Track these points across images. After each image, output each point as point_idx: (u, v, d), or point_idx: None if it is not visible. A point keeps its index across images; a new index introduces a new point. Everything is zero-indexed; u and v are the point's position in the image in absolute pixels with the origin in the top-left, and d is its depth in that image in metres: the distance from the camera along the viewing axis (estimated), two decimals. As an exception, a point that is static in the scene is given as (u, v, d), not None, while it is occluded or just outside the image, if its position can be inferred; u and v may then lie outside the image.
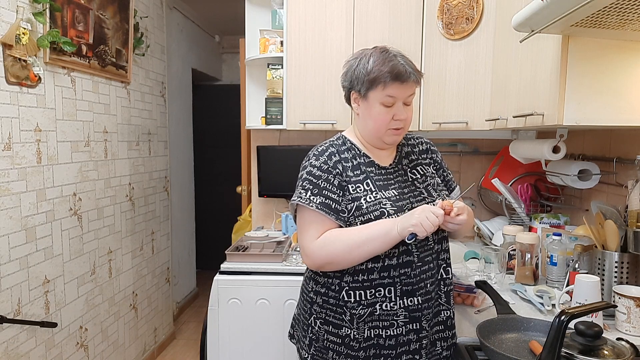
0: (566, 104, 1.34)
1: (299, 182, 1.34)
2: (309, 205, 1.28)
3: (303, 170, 1.35)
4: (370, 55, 1.30)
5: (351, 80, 1.34)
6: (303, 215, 1.32)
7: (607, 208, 1.54)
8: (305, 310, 1.39)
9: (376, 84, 1.28)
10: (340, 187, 1.30)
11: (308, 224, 1.30)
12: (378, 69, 1.27)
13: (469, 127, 2.15)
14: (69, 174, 2.23)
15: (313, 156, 1.34)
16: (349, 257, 1.25)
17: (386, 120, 1.30)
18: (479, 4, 2.06)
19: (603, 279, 1.45)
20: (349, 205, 1.29)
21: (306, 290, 1.40)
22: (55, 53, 2.06)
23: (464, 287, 1.65)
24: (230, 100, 4.73)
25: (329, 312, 1.33)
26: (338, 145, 1.37)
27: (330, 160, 1.32)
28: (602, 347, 1.05)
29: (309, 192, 1.29)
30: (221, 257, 2.22)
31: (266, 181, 2.68)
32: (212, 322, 2.12)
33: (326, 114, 2.36)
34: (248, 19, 2.60)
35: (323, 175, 1.30)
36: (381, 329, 1.29)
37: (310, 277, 1.39)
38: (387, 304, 1.28)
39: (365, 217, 1.27)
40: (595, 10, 1.04)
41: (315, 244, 1.28)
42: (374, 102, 1.30)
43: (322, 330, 1.34)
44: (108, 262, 2.61)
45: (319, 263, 1.28)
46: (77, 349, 2.32)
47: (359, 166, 1.34)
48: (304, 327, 1.39)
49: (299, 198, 1.30)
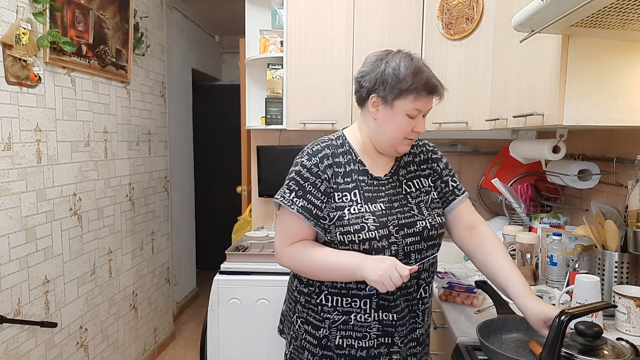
0: (566, 104, 1.34)
1: (287, 179, 1.31)
2: (290, 207, 1.26)
3: (294, 167, 1.31)
4: (400, 60, 1.23)
5: (375, 83, 1.24)
6: (283, 214, 1.30)
7: (607, 208, 1.54)
8: (290, 308, 1.41)
9: (407, 94, 1.21)
10: (325, 194, 1.27)
11: (286, 225, 1.30)
12: (412, 79, 1.20)
13: (469, 127, 2.15)
14: (69, 174, 2.23)
15: (306, 155, 1.30)
16: (313, 276, 1.29)
17: (407, 131, 1.26)
18: (479, 4, 2.06)
19: (603, 279, 1.45)
20: (331, 213, 1.26)
21: (291, 289, 1.40)
22: (55, 53, 2.06)
23: (464, 287, 1.64)
24: (230, 100, 4.73)
25: (311, 312, 1.33)
26: (335, 146, 1.32)
27: (321, 164, 1.28)
28: (602, 347, 1.05)
29: (293, 192, 1.27)
30: (221, 257, 2.22)
31: (266, 181, 2.68)
32: (212, 322, 2.12)
33: (326, 114, 2.36)
34: (248, 19, 2.60)
35: (310, 179, 1.27)
36: (354, 339, 1.29)
37: (294, 275, 1.40)
38: (361, 316, 1.28)
39: (345, 229, 1.24)
40: (595, 10, 1.04)
41: (285, 252, 1.29)
42: (400, 112, 1.23)
43: (301, 330, 1.35)
44: (108, 262, 2.61)
45: (286, 265, 1.32)
46: (77, 349, 2.32)
47: (350, 173, 1.29)
48: (288, 324, 1.41)
49: (282, 198, 1.28)
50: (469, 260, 2.13)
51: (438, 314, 1.62)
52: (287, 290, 1.45)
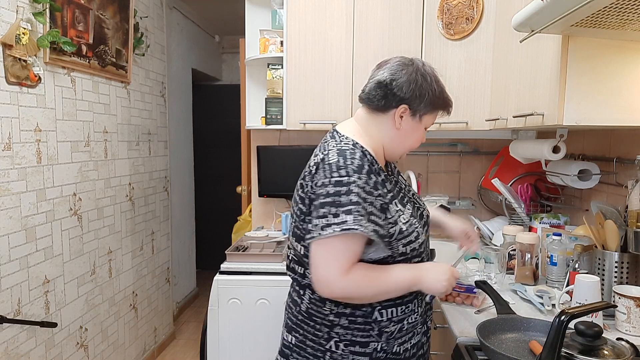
0: (566, 104, 1.34)
1: (345, 204, 1.12)
2: (366, 232, 1.12)
3: (342, 187, 1.13)
4: (432, 74, 1.25)
5: (412, 96, 1.22)
6: (344, 242, 1.13)
7: (607, 208, 1.54)
8: (318, 335, 1.25)
9: (437, 110, 1.27)
10: (382, 210, 1.18)
11: (347, 253, 1.14)
12: (445, 97, 1.27)
13: (469, 127, 2.15)
14: (69, 174, 2.23)
15: (354, 173, 1.14)
16: (371, 300, 1.21)
17: (421, 142, 1.31)
18: (479, 4, 2.06)
19: (603, 279, 1.45)
20: (390, 229, 1.19)
21: (319, 314, 1.25)
22: (55, 53, 2.06)
23: (464, 287, 1.64)
24: (230, 100, 4.74)
25: (356, 332, 1.23)
26: (363, 156, 1.20)
27: (370, 180, 1.17)
28: (602, 347, 1.05)
29: (364, 218, 1.12)
30: (221, 257, 2.22)
31: (266, 181, 2.68)
32: (212, 322, 2.12)
33: (326, 114, 2.36)
34: (248, 19, 2.60)
35: (368, 198, 1.14)
36: (407, 342, 1.28)
37: (323, 299, 1.23)
38: (412, 317, 1.27)
39: (407, 240, 1.22)
40: (595, 10, 1.04)
41: (346, 282, 1.14)
42: (423, 126, 1.28)
43: (346, 352, 1.23)
44: (108, 262, 2.61)
45: (340, 297, 1.18)
46: (77, 349, 2.32)
47: (384, 183, 1.22)
48: (317, 353, 1.26)
49: (360, 227, 1.11)
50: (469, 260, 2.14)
51: (438, 314, 1.62)
52: (306, 319, 1.27)
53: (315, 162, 1.21)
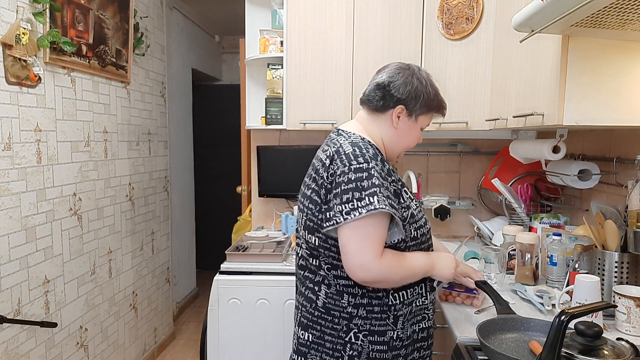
0: (566, 104, 1.34)
1: (367, 187, 1.18)
2: (383, 209, 1.16)
3: (362, 173, 1.19)
4: (427, 78, 1.35)
5: (408, 97, 1.31)
6: (372, 224, 1.18)
7: (607, 208, 1.54)
8: (337, 329, 1.29)
9: (431, 111, 1.36)
10: (395, 195, 1.25)
11: (375, 233, 1.18)
12: (439, 99, 1.36)
13: (469, 127, 2.15)
14: (69, 174, 2.23)
15: (371, 160, 1.22)
16: (399, 283, 1.27)
17: (417, 141, 1.41)
18: (479, 4, 2.06)
19: (603, 279, 1.45)
20: (404, 212, 1.27)
21: (337, 307, 1.29)
22: (55, 53, 2.06)
23: (464, 287, 1.64)
24: (230, 100, 4.74)
25: (374, 320, 1.28)
26: (376, 150, 1.29)
27: (384, 167, 1.26)
28: (602, 347, 1.05)
29: (388, 199, 1.19)
30: (221, 257, 2.22)
31: (266, 181, 2.68)
32: (212, 322, 2.12)
33: (326, 114, 2.36)
34: (248, 19, 2.60)
35: (384, 184, 1.22)
36: (416, 324, 1.34)
37: (342, 291, 1.28)
38: (419, 299, 1.34)
39: (418, 224, 1.31)
40: (595, 10, 1.04)
41: (382, 264, 1.18)
42: (419, 126, 1.37)
43: (366, 343, 1.28)
44: (108, 262, 2.61)
45: (375, 280, 1.21)
46: (77, 349, 2.32)
47: (391, 172, 1.30)
48: (338, 347, 1.29)
49: (387, 206, 1.17)
50: (469, 260, 2.14)
51: (438, 314, 1.62)
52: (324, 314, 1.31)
53: (328, 155, 1.26)
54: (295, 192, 2.66)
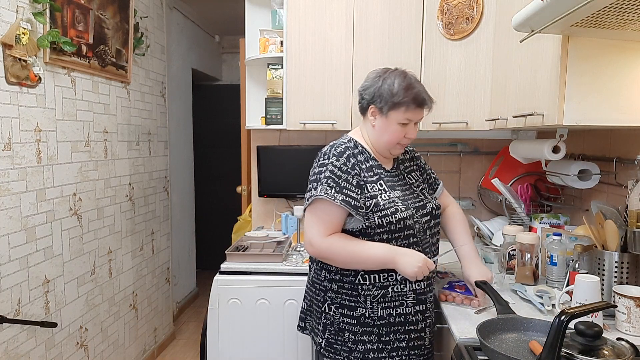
0: (566, 104, 1.34)
1: (321, 179, 1.45)
2: (333, 200, 1.42)
3: (322, 167, 1.47)
4: (395, 77, 1.48)
5: (373, 96, 1.50)
6: (319, 208, 1.45)
7: (607, 208, 1.54)
8: (317, 299, 1.56)
9: (399, 107, 1.46)
10: (358, 186, 1.46)
11: (324, 217, 1.45)
12: (404, 94, 1.45)
13: (469, 127, 2.15)
14: (69, 174, 2.23)
15: (333, 156, 1.48)
16: (346, 265, 1.48)
17: (400, 137, 1.50)
18: (479, 4, 2.06)
19: (603, 279, 1.45)
20: (367, 201, 1.46)
21: (318, 281, 1.56)
22: (55, 53, 2.06)
23: (464, 287, 1.64)
24: (230, 100, 4.73)
25: (344, 296, 1.50)
26: (352, 148, 1.53)
27: (348, 162, 1.48)
28: (602, 347, 1.05)
29: (332, 189, 1.43)
30: (221, 257, 2.22)
31: (266, 181, 2.68)
32: (212, 322, 2.12)
33: (326, 114, 2.36)
34: (248, 19, 2.60)
35: (343, 176, 1.45)
36: (392, 309, 1.49)
37: (322, 267, 1.55)
38: (398, 287, 1.49)
39: (382, 213, 1.45)
40: (595, 10, 1.04)
41: (324, 242, 1.44)
42: (393, 121, 1.49)
43: (337, 314, 1.51)
44: (108, 262, 2.61)
45: (320, 256, 1.48)
46: (77, 349, 2.32)
47: (371, 168, 1.52)
48: (317, 314, 1.57)
49: (325, 194, 1.42)
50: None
51: (438, 314, 1.62)
52: (311, 286, 1.61)
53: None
54: (295, 192, 2.67)
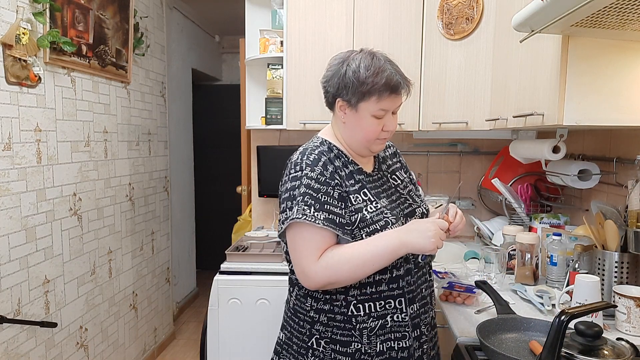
0: (566, 104, 1.34)
1: (297, 195, 1.18)
2: (314, 222, 1.15)
3: (295, 181, 1.21)
4: (359, 60, 1.22)
5: (338, 87, 1.25)
6: (302, 233, 1.18)
7: (607, 208, 1.54)
8: (301, 332, 1.27)
9: (369, 96, 1.21)
10: (340, 199, 1.20)
11: (308, 242, 1.17)
12: (372, 80, 1.19)
13: (469, 127, 2.15)
14: (69, 174, 2.23)
15: (307, 167, 1.21)
16: (354, 277, 1.18)
17: (377, 132, 1.24)
18: (479, 4, 2.06)
19: (603, 279, 1.45)
20: (352, 217, 1.20)
21: (302, 311, 1.27)
22: (55, 53, 2.06)
23: (464, 287, 1.64)
24: (230, 100, 4.73)
25: (336, 329, 1.23)
26: (327, 152, 1.27)
27: (326, 171, 1.21)
28: (602, 347, 1.05)
29: (311, 207, 1.16)
30: (221, 257, 2.22)
31: (266, 181, 2.68)
32: (212, 322, 2.12)
33: (326, 114, 2.31)
34: (248, 19, 2.60)
35: (322, 188, 1.19)
36: (393, 341, 1.23)
37: (306, 295, 1.27)
38: (397, 315, 1.23)
39: (370, 228, 1.20)
40: (595, 10, 1.04)
41: (318, 266, 1.16)
42: (365, 114, 1.23)
43: (327, 350, 1.23)
44: (108, 262, 2.61)
45: (322, 284, 1.18)
46: (77, 349, 2.32)
47: (352, 175, 1.26)
48: (301, 350, 1.27)
49: (303, 216, 1.15)
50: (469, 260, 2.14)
51: (438, 314, 1.62)
52: (292, 316, 1.31)
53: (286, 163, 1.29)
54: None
